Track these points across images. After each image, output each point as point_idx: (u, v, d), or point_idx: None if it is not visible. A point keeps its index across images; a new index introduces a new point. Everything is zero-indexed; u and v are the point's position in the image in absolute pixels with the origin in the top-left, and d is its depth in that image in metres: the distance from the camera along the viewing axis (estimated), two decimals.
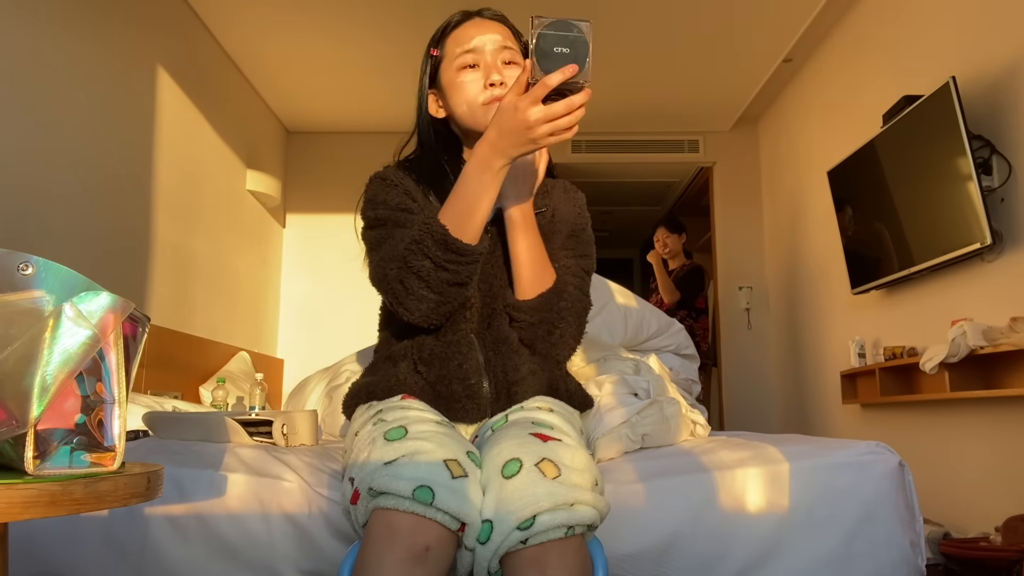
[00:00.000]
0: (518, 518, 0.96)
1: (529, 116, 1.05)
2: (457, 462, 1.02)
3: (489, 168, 1.13)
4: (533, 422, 1.15)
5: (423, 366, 1.27)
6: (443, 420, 1.18)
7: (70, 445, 0.76)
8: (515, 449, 1.05)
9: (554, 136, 1.08)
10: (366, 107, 4.85)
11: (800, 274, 4.49)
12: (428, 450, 1.02)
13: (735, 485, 1.31)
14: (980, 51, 2.73)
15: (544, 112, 1.05)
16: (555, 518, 0.96)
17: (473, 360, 1.26)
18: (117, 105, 2.99)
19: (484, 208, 1.15)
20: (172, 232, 3.45)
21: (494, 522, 0.97)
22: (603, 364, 1.88)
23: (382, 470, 1.00)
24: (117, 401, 0.80)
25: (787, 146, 4.69)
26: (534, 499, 0.97)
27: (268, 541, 1.25)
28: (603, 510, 1.02)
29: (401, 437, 1.06)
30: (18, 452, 0.74)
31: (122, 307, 0.79)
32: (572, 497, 0.98)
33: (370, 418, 1.19)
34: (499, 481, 1.01)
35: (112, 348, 0.80)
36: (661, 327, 2.35)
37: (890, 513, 1.31)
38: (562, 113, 1.05)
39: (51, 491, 0.68)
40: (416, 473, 0.98)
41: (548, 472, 1.00)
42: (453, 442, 1.06)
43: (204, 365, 3.66)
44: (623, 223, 7.48)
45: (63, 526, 1.26)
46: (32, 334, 0.73)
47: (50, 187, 2.58)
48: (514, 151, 1.11)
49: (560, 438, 1.09)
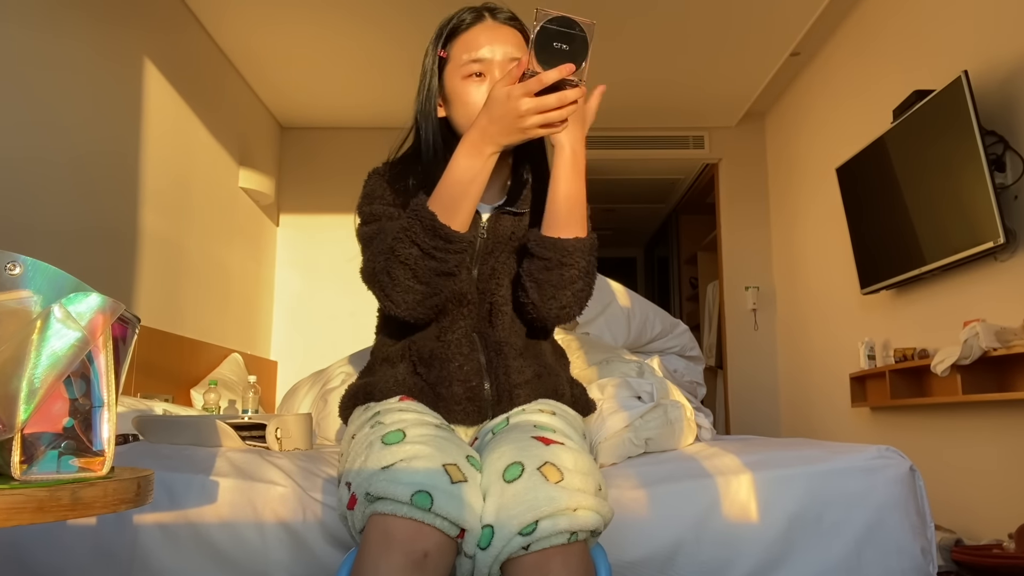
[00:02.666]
0: (520, 523, 0.96)
1: (520, 106, 1.07)
2: (457, 467, 1.02)
3: (479, 154, 1.14)
4: (535, 425, 1.15)
5: (423, 367, 1.27)
6: (442, 423, 1.18)
7: (58, 449, 0.76)
8: (517, 453, 1.05)
9: (545, 128, 1.11)
10: (362, 102, 4.85)
11: (808, 274, 4.49)
12: (427, 455, 1.02)
13: (741, 491, 1.31)
14: (993, 44, 2.73)
15: (535, 103, 1.07)
16: (557, 524, 0.96)
17: (474, 361, 1.26)
18: (105, 101, 2.99)
19: (473, 194, 1.16)
20: (162, 230, 3.45)
21: (495, 527, 0.97)
22: (605, 367, 1.88)
23: (379, 475, 1.00)
24: (106, 405, 0.80)
25: (794, 142, 4.69)
26: (535, 504, 0.97)
27: (261, 548, 1.25)
28: (606, 515, 1.02)
29: (399, 441, 1.06)
30: (4, 457, 0.74)
31: (112, 308, 0.79)
32: (575, 502, 0.98)
33: (367, 420, 1.19)
34: (500, 485, 1.01)
35: (101, 350, 0.81)
36: (665, 328, 2.35)
37: (900, 519, 1.31)
38: (554, 106, 1.08)
39: (38, 497, 0.68)
40: (414, 478, 0.98)
41: (551, 476, 1.00)
42: (452, 446, 1.06)
43: (195, 367, 3.66)
44: (626, 221, 7.48)
45: (51, 533, 1.26)
46: (20, 336, 0.73)
47: (36, 185, 2.58)
48: (504, 139, 1.12)
49: (563, 441, 1.09)
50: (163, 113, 3.46)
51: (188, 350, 3.59)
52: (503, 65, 1.27)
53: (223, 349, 4.00)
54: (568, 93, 1.07)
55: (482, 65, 1.27)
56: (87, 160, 2.87)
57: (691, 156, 5.32)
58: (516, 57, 1.27)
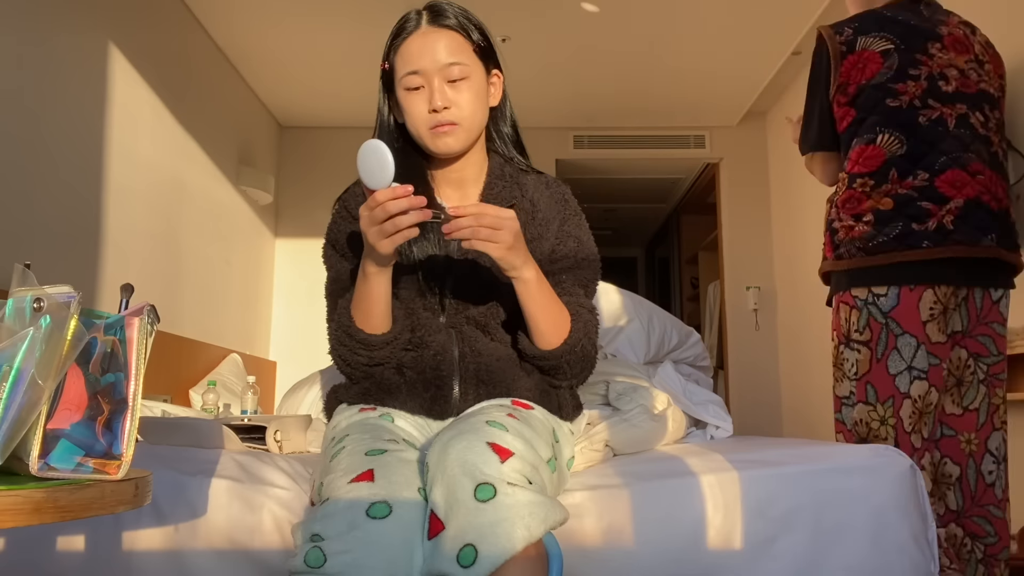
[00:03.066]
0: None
1: (361, 217, 1.13)
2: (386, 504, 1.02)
3: (365, 273, 1.21)
4: (487, 421, 1.12)
5: (404, 366, 1.31)
6: (407, 444, 1.18)
7: (76, 446, 0.76)
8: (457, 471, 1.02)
9: (393, 237, 1.11)
10: (364, 100, 4.78)
11: (810, 274, 4.47)
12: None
13: (734, 490, 1.31)
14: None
15: (365, 207, 1.12)
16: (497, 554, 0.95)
17: (449, 358, 1.30)
18: (101, 100, 3.00)
19: (376, 304, 1.23)
20: (160, 230, 3.46)
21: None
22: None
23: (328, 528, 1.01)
24: (130, 408, 0.80)
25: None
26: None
27: (261, 551, 1.25)
28: (554, 522, 1.01)
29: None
30: (25, 450, 0.74)
31: (145, 309, 0.80)
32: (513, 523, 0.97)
33: (336, 441, 1.19)
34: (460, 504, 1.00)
35: (134, 350, 0.80)
36: (681, 339, 2.37)
37: (901, 518, 1.31)
38: (386, 213, 1.10)
39: (35, 498, 0.68)
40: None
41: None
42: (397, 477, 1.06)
43: (194, 367, 3.66)
44: (626, 221, 7.47)
45: (47, 534, 1.26)
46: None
47: (29, 185, 2.58)
48: (372, 255, 1.17)
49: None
50: (160, 112, 3.46)
51: (186, 350, 3.59)
52: (441, 73, 1.27)
53: (222, 349, 4.00)
54: (393, 190, 1.08)
55: (419, 78, 1.28)
56: (81, 160, 2.87)
57: (692, 155, 5.32)
58: (451, 63, 1.27)
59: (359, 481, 1.03)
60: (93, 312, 0.83)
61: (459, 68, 1.27)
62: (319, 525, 1.00)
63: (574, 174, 5.39)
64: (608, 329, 2.25)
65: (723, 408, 2.04)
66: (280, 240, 5.17)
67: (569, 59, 4.31)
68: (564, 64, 4.37)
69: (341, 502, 1.01)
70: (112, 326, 0.82)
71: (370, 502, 1.00)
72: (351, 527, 0.98)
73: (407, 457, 1.11)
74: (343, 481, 1.04)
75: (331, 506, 1.02)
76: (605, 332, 2.24)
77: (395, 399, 1.30)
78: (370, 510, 1.00)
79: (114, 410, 0.79)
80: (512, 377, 1.30)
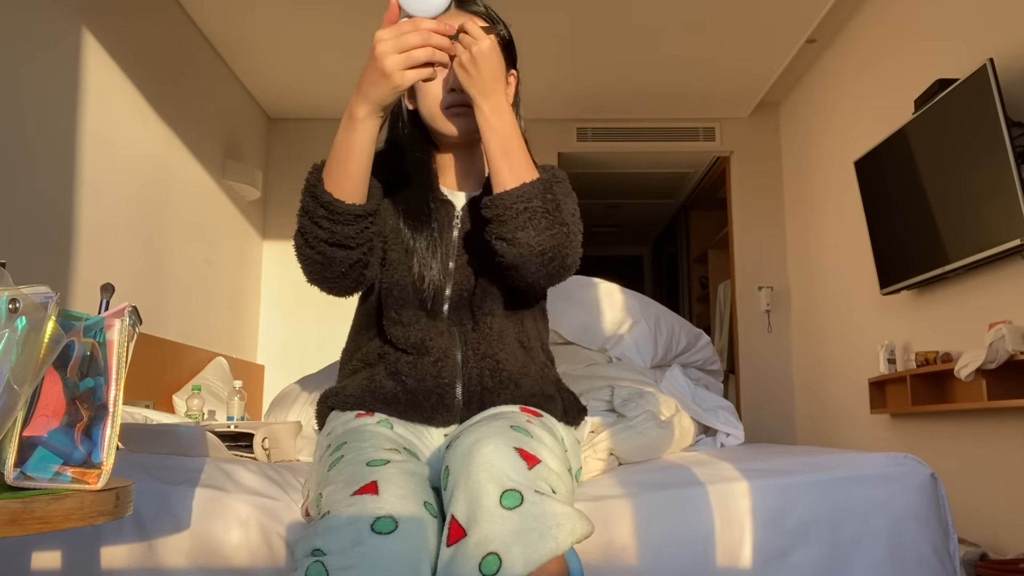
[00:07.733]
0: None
1: (376, 41, 1.08)
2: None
3: (351, 118, 1.17)
4: (512, 427, 1.13)
5: (402, 374, 1.31)
6: (409, 454, 1.18)
7: (52, 454, 0.76)
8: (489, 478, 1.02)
9: (412, 71, 1.09)
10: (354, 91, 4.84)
11: (824, 273, 4.49)
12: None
13: (745, 501, 1.31)
14: (1020, 30, 2.73)
15: (392, 38, 1.07)
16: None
17: (451, 359, 1.29)
18: (79, 93, 2.99)
19: (355, 162, 1.18)
20: (141, 227, 3.45)
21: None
22: (580, 382, 1.88)
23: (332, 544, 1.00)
24: (111, 414, 0.79)
25: (811, 134, 4.69)
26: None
27: (248, 563, 1.25)
28: (580, 534, 1.01)
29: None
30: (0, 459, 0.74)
31: (127, 310, 0.80)
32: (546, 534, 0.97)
33: (324, 450, 1.19)
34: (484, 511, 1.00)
35: (114, 353, 0.80)
36: (690, 342, 2.37)
37: (921, 530, 1.31)
38: (415, 41, 1.07)
39: (11, 509, 0.68)
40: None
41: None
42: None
43: (178, 372, 3.66)
44: (632, 217, 7.47)
45: (21, 547, 1.26)
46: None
47: (9, 182, 2.58)
48: (372, 91, 1.13)
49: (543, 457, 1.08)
50: (139, 102, 3.46)
51: (170, 354, 3.59)
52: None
53: (207, 352, 4.00)
54: (425, 20, 1.07)
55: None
56: (59, 154, 2.87)
57: (701, 148, 5.32)
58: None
59: (362, 494, 1.03)
60: (72, 314, 0.82)
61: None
62: (320, 540, 0.99)
63: (577, 168, 5.39)
64: (613, 331, 2.25)
65: (734, 414, 2.04)
66: (268, 237, 5.17)
67: (571, 47, 4.31)
68: (566, 52, 4.36)
69: (344, 516, 1.01)
70: (91, 328, 0.82)
71: (375, 516, 1.00)
72: (355, 542, 0.98)
73: (412, 469, 1.10)
74: (345, 493, 1.04)
75: (333, 520, 1.01)
76: (609, 335, 2.24)
77: (392, 409, 1.30)
78: (375, 525, 0.99)
79: (94, 416, 0.79)
80: (516, 383, 1.30)
